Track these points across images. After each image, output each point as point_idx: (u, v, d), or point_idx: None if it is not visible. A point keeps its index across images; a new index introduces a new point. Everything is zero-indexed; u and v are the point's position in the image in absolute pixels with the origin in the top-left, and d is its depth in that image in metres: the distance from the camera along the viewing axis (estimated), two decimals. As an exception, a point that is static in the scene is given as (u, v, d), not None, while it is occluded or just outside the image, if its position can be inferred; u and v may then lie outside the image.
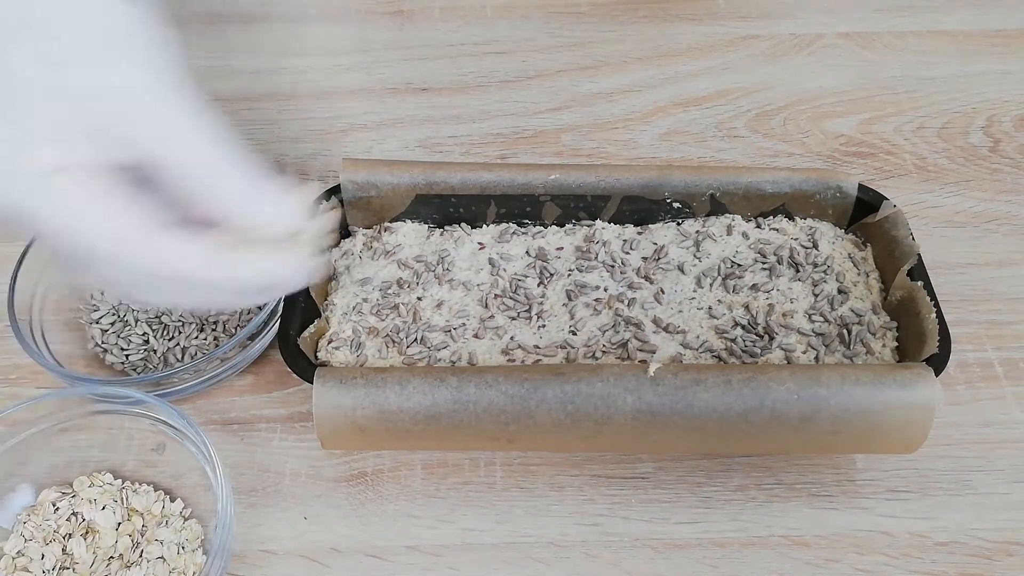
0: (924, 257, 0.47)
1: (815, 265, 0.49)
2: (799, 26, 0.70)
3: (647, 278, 0.49)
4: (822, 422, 0.40)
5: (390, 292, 0.49)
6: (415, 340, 0.46)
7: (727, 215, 0.52)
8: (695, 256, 0.50)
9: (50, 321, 0.52)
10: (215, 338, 0.52)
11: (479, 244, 0.51)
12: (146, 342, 0.51)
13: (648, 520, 0.45)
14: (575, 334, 0.47)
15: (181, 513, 0.45)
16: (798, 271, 0.49)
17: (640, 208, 0.51)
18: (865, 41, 0.69)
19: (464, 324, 0.47)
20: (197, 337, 0.52)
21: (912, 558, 0.44)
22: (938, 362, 0.42)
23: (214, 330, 0.52)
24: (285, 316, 0.45)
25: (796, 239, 0.51)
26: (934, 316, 0.43)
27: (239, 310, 0.53)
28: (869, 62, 0.68)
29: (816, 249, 0.50)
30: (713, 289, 0.49)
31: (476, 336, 0.47)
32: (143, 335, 0.52)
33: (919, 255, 0.46)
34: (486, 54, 0.69)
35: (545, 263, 0.50)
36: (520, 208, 0.52)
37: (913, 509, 0.45)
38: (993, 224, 0.57)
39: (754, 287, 0.48)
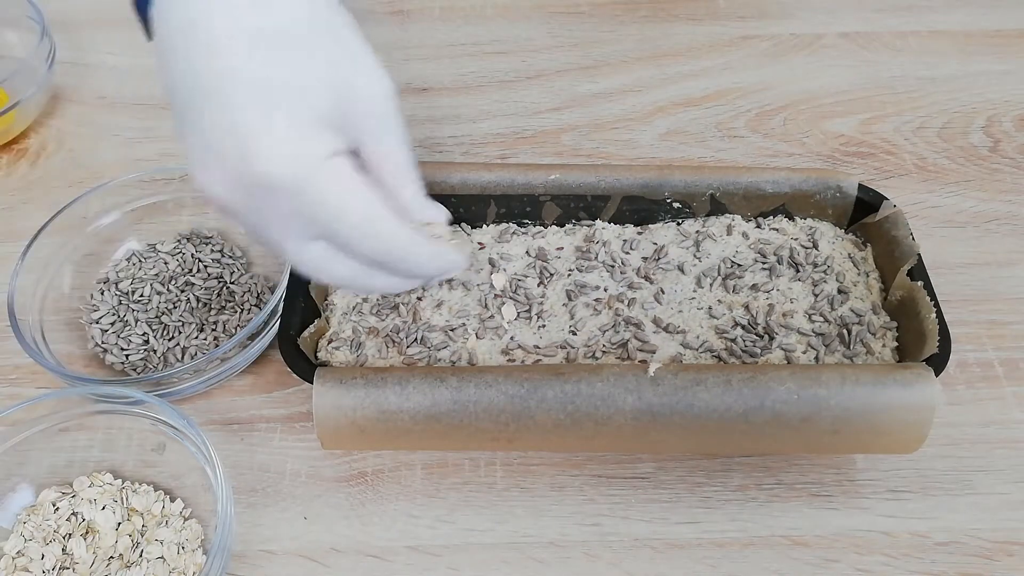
0: (924, 257, 0.47)
1: (815, 265, 0.49)
2: (799, 26, 0.70)
3: (647, 278, 0.49)
4: (822, 422, 0.40)
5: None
6: (415, 340, 0.46)
7: (727, 215, 0.52)
8: (695, 256, 0.50)
9: (50, 321, 0.52)
10: (215, 338, 0.52)
11: (479, 244, 0.51)
12: (146, 342, 0.51)
13: (648, 520, 0.45)
14: (575, 334, 0.47)
15: (181, 513, 0.45)
16: (798, 271, 0.49)
17: (640, 208, 0.51)
18: (865, 41, 0.69)
19: (464, 324, 0.47)
20: (197, 337, 0.52)
21: (912, 558, 0.44)
22: (938, 362, 0.42)
23: (214, 330, 0.52)
24: (285, 316, 0.45)
25: (796, 239, 0.51)
26: (934, 316, 0.43)
27: (240, 311, 0.53)
28: (869, 62, 0.68)
29: (816, 249, 0.50)
30: (713, 289, 0.49)
31: (476, 336, 0.47)
32: (143, 335, 0.52)
33: (919, 255, 0.46)
34: (486, 54, 0.69)
35: (545, 263, 0.50)
36: (520, 208, 0.52)
37: (913, 509, 0.45)
38: (993, 224, 0.57)
39: (754, 287, 0.48)
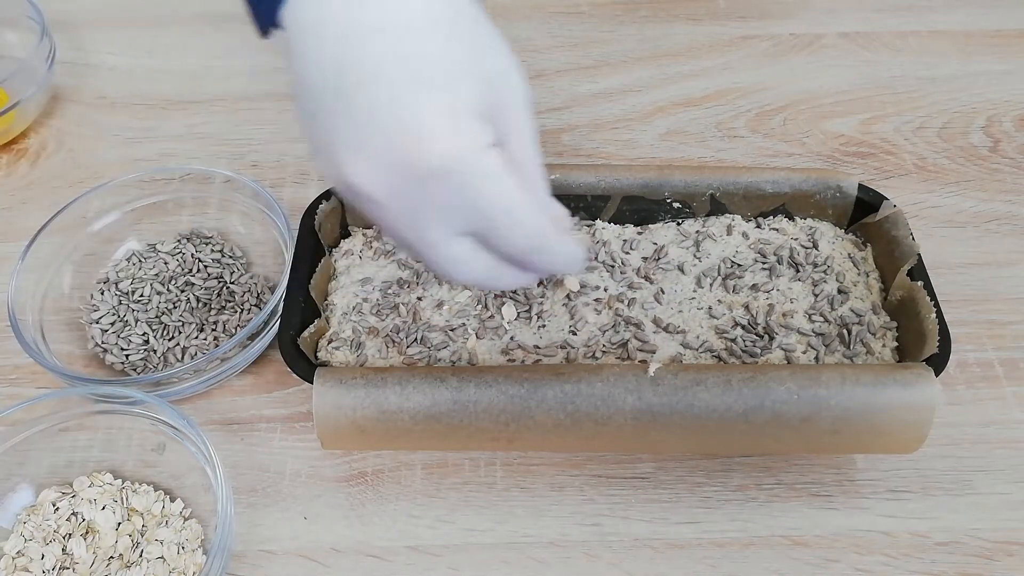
0: (924, 257, 0.47)
1: (815, 265, 0.49)
2: (799, 26, 0.70)
3: (647, 278, 0.49)
4: (822, 422, 0.40)
5: (390, 292, 0.49)
6: (415, 340, 0.46)
7: (727, 215, 0.52)
8: (695, 256, 0.50)
9: (50, 321, 0.52)
10: (215, 338, 0.52)
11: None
12: (146, 342, 0.51)
13: (648, 520, 0.45)
14: (575, 334, 0.47)
15: (181, 513, 0.45)
16: (798, 271, 0.49)
17: (640, 208, 0.51)
18: (865, 41, 0.69)
19: (464, 324, 0.47)
20: (197, 337, 0.52)
21: (912, 558, 0.44)
22: (938, 362, 0.42)
23: (214, 330, 0.52)
24: (285, 316, 0.45)
25: (796, 239, 0.51)
26: (934, 316, 0.43)
27: (239, 311, 0.53)
28: (869, 62, 0.68)
29: (816, 249, 0.50)
30: (713, 289, 0.49)
31: (476, 336, 0.47)
32: (143, 335, 0.52)
33: (919, 255, 0.46)
34: (486, 54, 0.69)
35: (545, 263, 0.50)
36: (520, 208, 0.51)
37: (913, 509, 0.45)
38: (993, 224, 0.57)
39: (754, 287, 0.48)
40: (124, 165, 0.61)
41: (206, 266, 0.55)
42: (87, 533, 0.44)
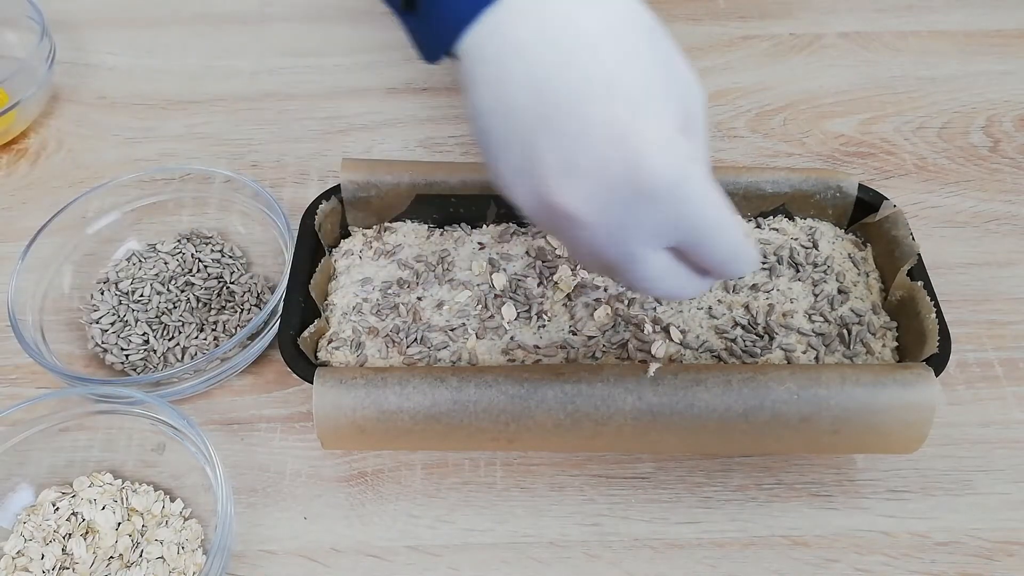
0: (924, 257, 0.47)
1: (815, 265, 0.49)
2: (799, 26, 0.70)
3: (647, 278, 0.49)
4: (822, 422, 0.40)
5: (390, 292, 0.49)
6: (415, 340, 0.46)
7: (727, 215, 0.52)
8: (695, 256, 0.50)
9: (50, 321, 0.52)
10: (215, 338, 0.52)
11: (479, 244, 0.51)
12: (146, 342, 0.51)
13: (648, 520, 0.45)
14: (575, 334, 0.47)
15: (181, 513, 0.45)
16: (798, 271, 0.49)
17: (640, 208, 0.51)
18: (865, 41, 0.69)
19: (464, 324, 0.47)
20: (197, 337, 0.52)
21: (912, 558, 0.44)
22: (938, 362, 0.42)
23: (214, 330, 0.52)
24: (285, 316, 0.45)
25: (796, 239, 0.51)
26: (934, 316, 0.43)
27: (240, 311, 0.53)
28: (869, 62, 0.68)
29: (816, 249, 0.50)
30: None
31: (476, 336, 0.47)
32: (143, 335, 0.52)
33: (919, 255, 0.46)
34: (486, 54, 0.69)
35: (545, 263, 0.50)
36: (520, 208, 0.52)
37: (913, 509, 0.45)
38: (993, 224, 0.57)
39: (754, 287, 0.48)
40: (124, 165, 0.62)
41: (206, 266, 0.55)
42: (87, 533, 0.44)
